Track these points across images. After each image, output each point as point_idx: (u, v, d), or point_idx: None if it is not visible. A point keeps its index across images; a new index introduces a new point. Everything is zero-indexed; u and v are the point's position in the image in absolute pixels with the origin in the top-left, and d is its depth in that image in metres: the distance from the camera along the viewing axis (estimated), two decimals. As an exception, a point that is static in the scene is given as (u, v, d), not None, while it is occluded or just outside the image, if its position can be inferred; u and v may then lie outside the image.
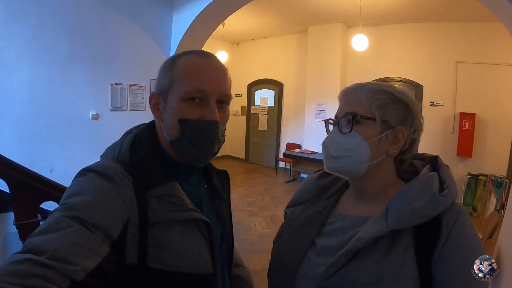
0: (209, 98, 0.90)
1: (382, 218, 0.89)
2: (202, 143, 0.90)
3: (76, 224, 0.68)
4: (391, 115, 0.94)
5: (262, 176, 9.24)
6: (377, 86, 0.98)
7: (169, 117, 0.91)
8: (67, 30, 4.30)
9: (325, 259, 0.93)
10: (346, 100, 1.01)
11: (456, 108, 6.83)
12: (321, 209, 1.07)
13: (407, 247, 0.85)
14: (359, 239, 0.87)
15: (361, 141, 0.94)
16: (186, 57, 0.94)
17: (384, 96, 0.95)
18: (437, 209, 0.85)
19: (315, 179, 1.18)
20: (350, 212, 1.03)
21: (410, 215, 0.85)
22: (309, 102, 8.67)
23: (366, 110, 0.95)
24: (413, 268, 0.83)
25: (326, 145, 1.01)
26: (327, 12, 7.15)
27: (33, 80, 4.10)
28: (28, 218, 2.26)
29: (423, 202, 0.85)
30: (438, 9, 6.32)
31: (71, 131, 4.47)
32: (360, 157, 0.95)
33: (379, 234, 0.85)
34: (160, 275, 0.81)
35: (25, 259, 0.59)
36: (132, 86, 5.01)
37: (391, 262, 0.84)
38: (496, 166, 6.35)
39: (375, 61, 7.78)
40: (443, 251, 0.82)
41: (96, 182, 0.80)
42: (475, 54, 6.59)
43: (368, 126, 0.95)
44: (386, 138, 0.95)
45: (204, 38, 5.37)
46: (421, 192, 0.88)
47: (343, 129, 0.98)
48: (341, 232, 0.98)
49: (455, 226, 0.83)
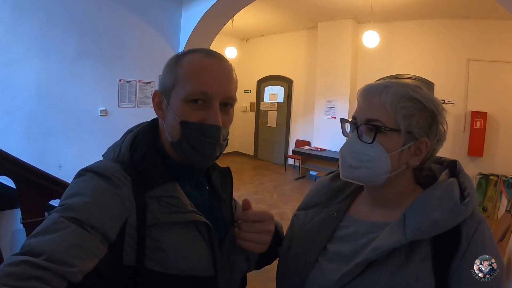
0: (212, 100, 0.88)
1: (399, 227, 0.85)
2: (203, 147, 0.88)
3: (73, 225, 0.68)
4: (417, 125, 0.88)
5: (271, 173, 9.22)
6: (403, 90, 0.89)
7: (171, 117, 0.90)
8: (75, 26, 4.32)
9: (337, 265, 0.91)
10: (368, 102, 0.92)
11: (468, 106, 6.76)
12: (335, 213, 1.03)
13: (425, 258, 0.82)
14: (375, 249, 0.84)
15: (382, 153, 0.89)
16: (191, 56, 0.91)
17: (411, 104, 0.88)
18: (458, 219, 0.82)
19: (328, 181, 1.14)
20: (364, 217, 0.99)
21: (429, 226, 0.82)
22: (319, 99, 8.62)
23: (391, 119, 0.88)
24: (430, 280, 0.80)
25: (344, 153, 0.95)
26: (338, 8, 7.08)
27: (42, 77, 4.12)
28: (35, 216, 2.27)
29: (444, 212, 0.82)
30: (450, 6, 6.23)
31: (79, 127, 4.51)
32: (380, 169, 0.90)
33: (397, 244, 0.82)
34: (158, 277, 0.80)
35: (22, 261, 0.58)
36: (140, 82, 5.03)
37: (407, 274, 0.81)
38: (507, 166, 6.28)
39: (386, 58, 7.70)
40: (461, 262, 0.80)
41: (94, 183, 0.79)
42: (487, 52, 6.50)
43: (391, 137, 0.89)
44: (408, 149, 0.90)
45: (213, 35, 5.36)
46: (442, 201, 0.84)
47: (364, 136, 0.91)
48: (354, 237, 0.96)
49: (474, 237, 0.81)
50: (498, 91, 6.46)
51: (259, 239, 0.93)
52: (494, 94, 6.50)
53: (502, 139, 6.52)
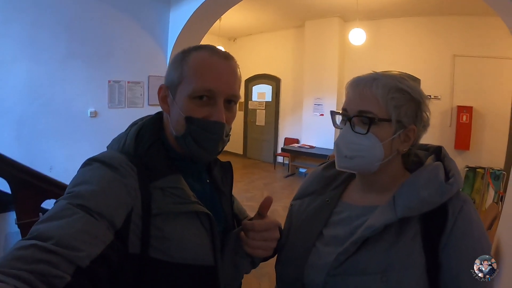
0: (217, 97, 0.90)
1: (390, 207, 0.90)
2: (206, 142, 0.91)
3: (81, 212, 0.69)
4: (405, 114, 0.93)
5: (261, 171, 9.25)
6: (392, 82, 0.94)
7: (176, 112, 0.92)
8: (64, 28, 4.28)
9: (333, 248, 0.95)
10: (359, 94, 0.96)
11: (454, 101, 6.86)
12: (329, 199, 1.08)
13: (415, 235, 0.87)
14: (368, 227, 0.89)
15: (376, 142, 0.93)
16: (197, 53, 0.93)
17: (400, 95, 0.93)
18: (444, 197, 0.86)
19: (321, 170, 1.19)
20: (357, 202, 1.04)
21: (418, 203, 0.86)
22: (307, 96, 8.69)
23: (382, 110, 0.93)
24: (421, 256, 0.85)
25: (339, 144, 0.99)
26: (324, 6, 7.14)
27: (31, 78, 4.09)
28: (30, 217, 2.27)
29: (431, 190, 0.87)
30: (436, 3, 6.32)
31: (70, 129, 4.47)
32: (374, 157, 0.94)
33: (388, 222, 0.87)
34: (162, 265, 0.82)
35: (31, 244, 0.59)
36: (130, 83, 5.01)
37: (400, 250, 0.86)
38: (493, 158, 6.39)
39: (373, 55, 7.78)
40: (449, 239, 0.84)
41: (101, 172, 0.81)
42: (473, 47, 6.61)
43: (383, 127, 0.93)
44: (399, 137, 0.95)
45: (202, 34, 5.36)
46: (429, 181, 0.89)
47: (357, 127, 0.95)
48: (348, 221, 1.00)
49: (460, 214, 0.86)
50: (483, 85, 6.58)
51: (265, 246, 0.97)
52: (479, 89, 6.61)
53: (487, 132, 6.62)
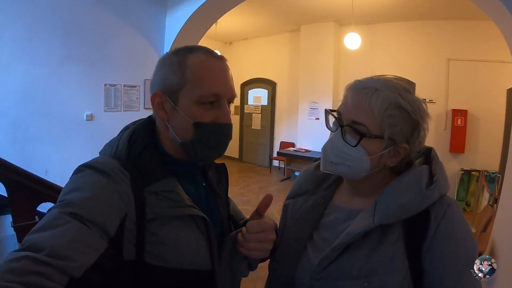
0: (222, 100, 0.91)
1: (370, 212, 0.90)
2: (217, 144, 0.92)
3: (73, 221, 0.68)
4: (400, 133, 0.90)
5: (257, 175, 9.24)
6: (393, 96, 0.90)
7: (181, 119, 0.90)
8: (61, 31, 4.28)
9: (320, 252, 0.95)
10: (356, 103, 0.92)
11: (448, 105, 6.90)
12: (322, 200, 1.08)
13: (397, 240, 0.87)
14: (348, 233, 0.89)
15: (363, 155, 0.92)
16: (195, 56, 0.91)
17: (398, 113, 0.89)
18: (423, 203, 0.86)
19: (312, 169, 1.18)
20: (345, 204, 1.04)
21: (397, 210, 0.86)
22: (302, 100, 8.69)
23: (376, 125, 0.90)
24: (403, 261, 0.85)
25: (326, 149, 0.97)
26: (320, 11, 7.17)
27: (27, 81, 4.08)
28: (26, 220, 2.26)
29: (410, 196, 0.86)
30: (430, 7, 6.36)
31: (66, 132, 4.46)
32: (360, 169, 0.93)
33: (367, 229, 0.87)
34: (158, 271, 0.81)
35: (23, 256, 0.59)
36: (126, 86, 5.00)
37: (381, 255, 0.86)
38: (488, 161, 6.42)
39: (368, 59, 7.81)
40: (432, 243, 0.84)
41: (93, 178, 0.80)
42: (467, 51, 6.66)
43: (373, 142, 0.91)
44: (388, 152, 0.93)
45: (198, 38, 5.35)
46: (409, 187, 0.88)
47: (347, 137, 0.93)
48: (335, 224, 1.00)
49: (443, 219, 0.85)
50: (477, 89, 6.62)
51: (261, 247, 0.95)
52: (474, 92, 6.65)
53: (482, 135, 6.66)
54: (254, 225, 0.95)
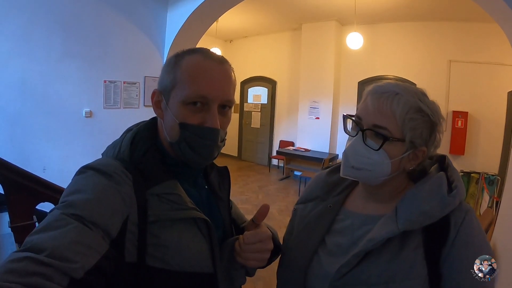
0: (211, 103, 0.88)
1: (392, 219, 0.90)
2: (201, 149, 0.89)
3: (75, 222, 0.68)
4: (420, 136, 0.92)
5: (256, 174, 9.24)
6: (413, 100, 0.92)
7: (170, 118, 0.90)
8: (60, 26, 4.26)
9: (335, 258, 0.95)
10: (378, 107, 0.93)
11: (449, 106, 6.91)
12: (331, 205, 1.08)
13: (417, 247, 0.87)
14: (370, 240, 0.89)
15: (385, 159, 0.92)
16: (190, 57, 0.91)
17: (419, 117, 0.91)
18: (445, 210, 0.86)
19: (324, 175, 1.18)
20: (360, 210, 1.04)
21: (420, 216, 0.86)
22: (303, 99, 8.70)
23: (398, 129, 0.91)
24: (423, 267, 0.85)
25: (347, 154, 0.98)
26: (322, 10, 7.16)
27: (26, 77, 4.06)
28: (24, 220, 2.23)
29: (432, 203, 0.87)
30: (433, 8, 6.36)
31: (64, 129, 4.44)
32: (381, 173, 0.94)
33: (390, 235, 0.87)
34: (159, 273, 0.81)
35: (24, 257, 0.58)
36: (125, 83, 4.98)
37: (402, 262, 0.86)
38: (488, 163, 6.44)
39: (369, 59, 7.82)
40: (451, 250, 0.84)
41: (96, 180, 0.79)
42: (468, 53, 6.67)
43: (395, 145, 0.92)
44: (408, 156, 0.94)
45: (199, 36, 5.34)
46: (431, 194, 0.89)
47: (369, 140, 0.94)
48: (350, 230, 1.00)
49: (463, 226, 0.86)
50: (478, 91, 6.63)
51: (258, 257, 0.94)
52: (475, 94, 6.66)
53: (482, 137, 6.69)
54: (250, 237, 0.94)
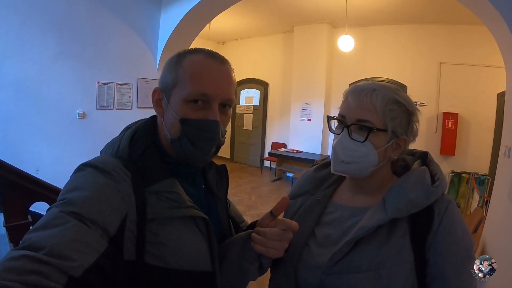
0: (212, 102, 0.90)
1: (380, 208, 0.96)
2: (202, 142, 0.90)
3: (73, 220, 0.68)
4: (399, 125, 1.00)
5: (248, 175, 9.23)
6: (390, 93, 1.00)
7: (171, 115, 0.91)
8: (54, 27, 4.25)
9: (326, 249, 1.00)
10: (358, 103, 1.00)
11: (440, 108, 6.99)
12: (320, 198, 1.14)
13: (404, 234, 0.93)
14: (361, 228, 0.94)
15: (372, 150, 0.99)
16: (192, 56, 0.92)
17: (397, 108, 0.99)
18: (430, 199, 0.93)
19: (312, 171, 1.24)
20: (348, 203, 1.10)
21: (407, 205, 0.93)
22: (295, 101, 8.71)
23: (380, 120, 0.98)
24: (409, 253, 0.91)
25: (336, 150, 1.03)
26: (314, 12, 7.19)
27: (20, 77, 4.04)
28: (18, 219, 2.22)
29: (418, 193, 0.94)
30: (423, 11, 6.43)
31: (57, 130, 4.43)
32: (369, 163, 1.00)
33: (380, 222, 0.93)
34: (158, 272, 0.81)
35: (22, 255, 0.58)
36: (119, 85, 4.98)
37: (391, 248, 0.92)
38: (478, 164, 6.51)
39: (360, 61, 7.85)
40: (435, 237, 0.91)
41: (94, 178, 0.79)
42: (458, 55, 6.75)
43: (379, 136, 0.99)
44: (391, 145, 1.01)
45: (192, 38, 5.35)
46: (416, 184, 0.96)
47: (354, 135, 1.00)
48: (339, 222, 1.06)
49: (445, 214, 0.92)
50: (468, 93, 6.71)
51: (279, 245, 0.91)
52: (465, 96, 6.74)
53: (472, 138, 6.76)
54: (282, 222, 0.92)
